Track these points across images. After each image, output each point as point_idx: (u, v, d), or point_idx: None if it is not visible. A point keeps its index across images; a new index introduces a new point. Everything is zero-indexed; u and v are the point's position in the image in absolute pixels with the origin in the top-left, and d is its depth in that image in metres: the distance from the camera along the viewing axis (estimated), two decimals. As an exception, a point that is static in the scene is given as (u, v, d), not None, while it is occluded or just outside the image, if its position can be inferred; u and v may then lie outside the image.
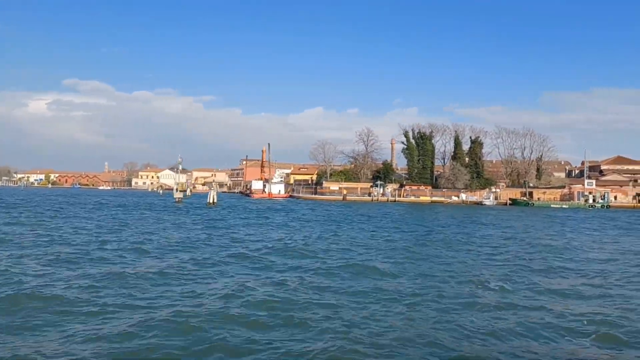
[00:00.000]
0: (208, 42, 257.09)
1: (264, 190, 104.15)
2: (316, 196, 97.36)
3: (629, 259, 19.66)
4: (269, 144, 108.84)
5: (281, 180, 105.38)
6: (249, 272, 14.63)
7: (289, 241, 22.93)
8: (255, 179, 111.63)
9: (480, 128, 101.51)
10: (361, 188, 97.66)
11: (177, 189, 71.14)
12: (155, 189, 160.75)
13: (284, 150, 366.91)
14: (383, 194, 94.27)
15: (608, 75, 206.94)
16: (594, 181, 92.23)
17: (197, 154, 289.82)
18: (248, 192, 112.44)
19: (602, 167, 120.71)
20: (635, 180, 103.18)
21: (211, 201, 58.98)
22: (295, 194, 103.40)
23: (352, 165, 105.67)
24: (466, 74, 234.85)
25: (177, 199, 65.39)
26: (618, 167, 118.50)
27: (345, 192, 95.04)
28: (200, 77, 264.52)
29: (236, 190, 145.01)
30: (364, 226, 33.52)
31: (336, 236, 25.93)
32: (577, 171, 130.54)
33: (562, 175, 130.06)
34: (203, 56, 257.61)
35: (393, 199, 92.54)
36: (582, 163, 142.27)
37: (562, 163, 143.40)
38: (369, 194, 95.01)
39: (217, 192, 64.54)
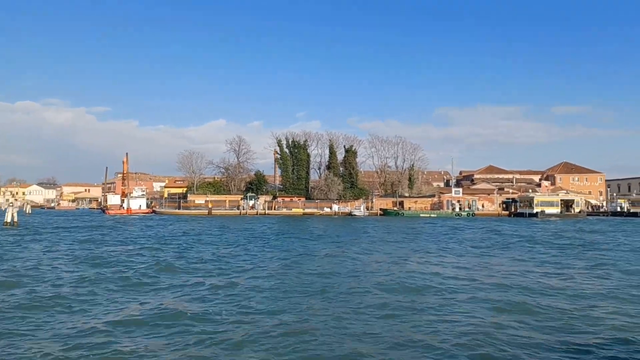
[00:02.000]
0: (103, 52, 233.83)
1: (121, 205, 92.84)
2: (180, 211, 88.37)
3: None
4: (127, 154, 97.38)
5: (143, 195, 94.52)
6: None
7: None
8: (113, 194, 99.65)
9: (354, 137, 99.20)
10: (230, 201, 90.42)
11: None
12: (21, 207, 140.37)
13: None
14: (253, 207, 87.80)
15: (491, 93, 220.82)
16: (460, 189, 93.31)
17: (86, 168, 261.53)
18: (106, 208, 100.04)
19: (475, 176, 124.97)
20: (502, 189, 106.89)
21: (9, 220, 48.24)
22: (159, 209, 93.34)
23: (225, 177, 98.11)
24: (366, 88, 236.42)
25: (-24, 219, 53.32)
26: (489, 176, 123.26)
27: (211, 205, 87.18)
28: (93, 87, 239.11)
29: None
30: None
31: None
32: (454, 180, 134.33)
33: (441, 184, 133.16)
34: (97, 65, 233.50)
35: (263, 211, 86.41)
36: (460, 173, 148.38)
37: (442, 173, 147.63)
38: (238, 207, 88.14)
39: (17, 210, 53.62)
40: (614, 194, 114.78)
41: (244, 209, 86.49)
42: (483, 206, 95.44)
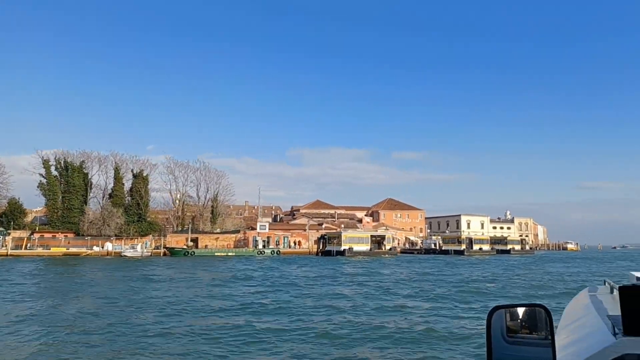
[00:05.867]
0: None
1: None
2: None
3: None
4: None
5: None
6: None
7: None
8: None
9: (146, 160, 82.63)
10: (-42, 238, 67.48)
11: None
12: None
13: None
14: (-9, 246, 66.29)
15: (341, 136, 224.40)
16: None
17: None
18: None
19: (301, 211, 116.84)
20: (321, 224, 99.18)
21: None
22: None
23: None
24: (220, 126, 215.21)
25: None
26: (314, 210, 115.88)
27: None
28: None
29: None
30: None
31: None
32: (281, 215, 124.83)
33: (270, 220, 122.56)
34: None
35: (5, 252, 65.40)
36: (291, 208, 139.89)
37: (273, 208, 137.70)
38: (-31, 246, 65.82)
39: None
40: (430, 231, 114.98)
41: (-24, 249, 64.69)
42: (296, 243, 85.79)
